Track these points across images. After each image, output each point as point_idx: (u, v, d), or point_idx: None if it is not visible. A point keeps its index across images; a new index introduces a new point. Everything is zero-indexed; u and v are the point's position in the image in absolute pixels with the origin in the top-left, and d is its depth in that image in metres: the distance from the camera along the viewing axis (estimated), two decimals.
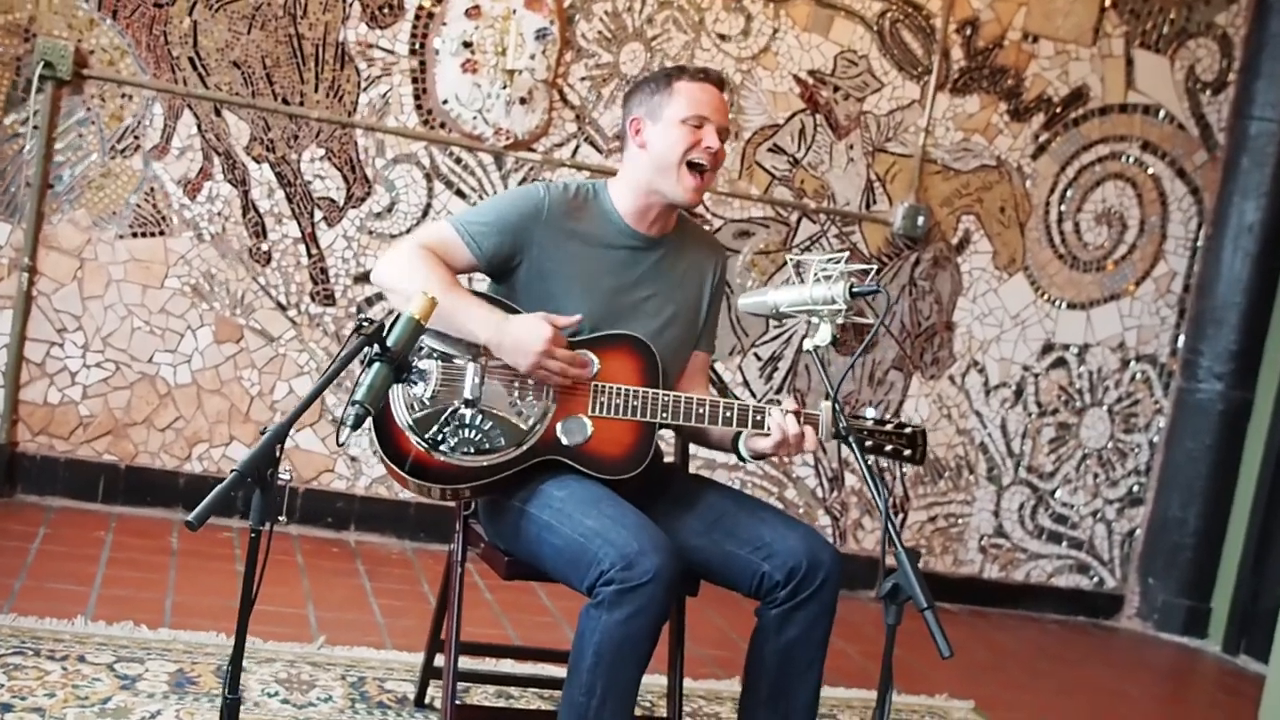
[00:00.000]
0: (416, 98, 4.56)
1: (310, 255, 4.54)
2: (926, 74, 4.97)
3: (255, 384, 4.54)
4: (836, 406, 2.60)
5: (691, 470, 3.17)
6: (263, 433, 2.14)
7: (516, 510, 2.71)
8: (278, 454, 2.13)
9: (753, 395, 4.93)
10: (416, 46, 4.54)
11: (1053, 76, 5.11)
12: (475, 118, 4.59)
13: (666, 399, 2.73)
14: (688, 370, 2.97)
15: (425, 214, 4.60)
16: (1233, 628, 5.29)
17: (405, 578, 4.32)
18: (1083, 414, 5.33)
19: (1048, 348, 5.26)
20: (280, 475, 2.15)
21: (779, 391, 4.97)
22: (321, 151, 4.51)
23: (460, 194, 4.62)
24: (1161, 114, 5.25)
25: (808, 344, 2.64)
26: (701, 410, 2.74)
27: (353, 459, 4.64)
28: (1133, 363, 5.36)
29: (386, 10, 4.50)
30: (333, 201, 4.54)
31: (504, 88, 4.58)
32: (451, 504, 2.87)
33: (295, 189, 4.51)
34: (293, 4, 4.42)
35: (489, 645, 3.48)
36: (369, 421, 2.67)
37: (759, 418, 2.73)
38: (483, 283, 2.94)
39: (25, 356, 4.34)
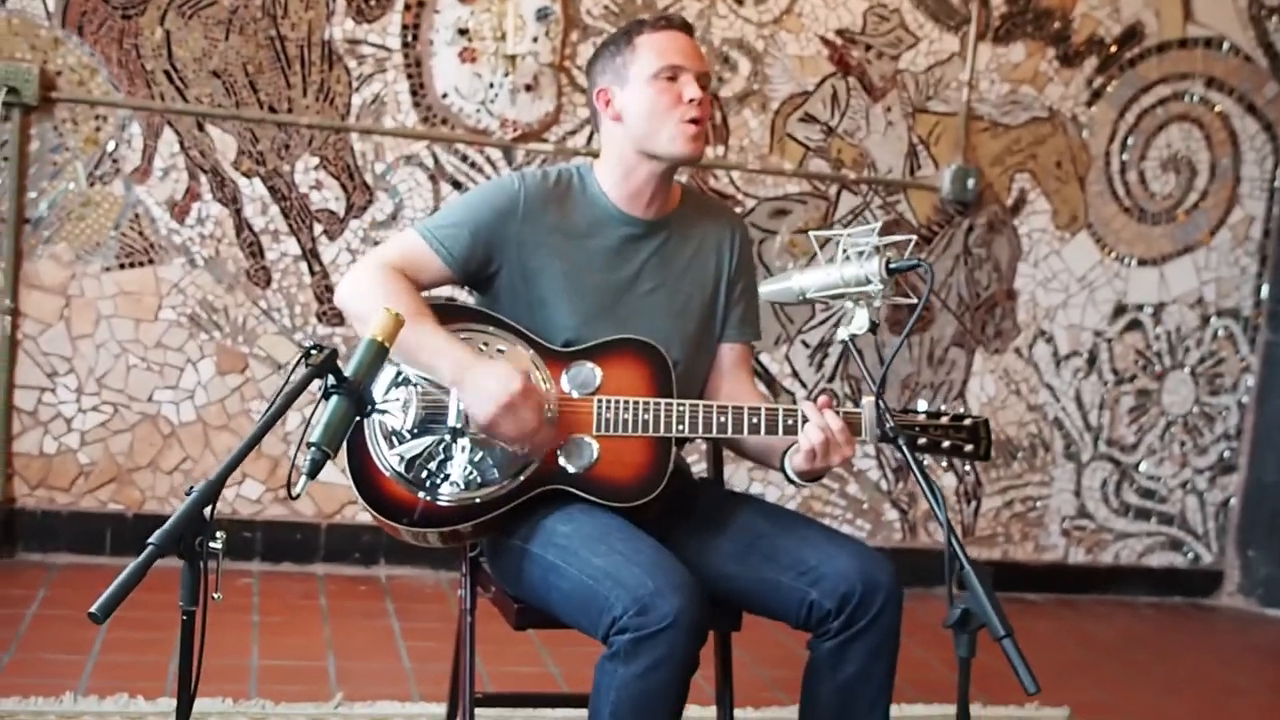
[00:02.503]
0: (413, 94, 4.21)
1: (313, 273, 4.21)
2: (965, 24, 4.56)
3: None
4: (881, 404, 2.22)
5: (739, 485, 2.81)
6: (188, 493, 1.79)
7: (519, 550, 2.36)
8: (208, 517, 1.78)
9: (803, 386, 4.55)
10: (409, 39, 4.19)
11: (1103, 15, 4.68)
12: (479, 110, 4.24)
13: (681, 409, 2.36)
14: (723, 367, 2.59)
15: None
16: None
17: (438, 614, 3.98)
18: (1163, 378, 4.90)
19: (1120, 310, 4.84)
20: (212, 544, 1.80)
21: (830, 381, 4.59)
22: (316, 160, 4.17)
23: None
24: (1225, 46, 4.80)
25: (842, 333, 2.26)
26: (724, 419, 2.36)
27: None
28: (1213, 318, 4.93)
29: (373, 2, 4.15)
30: (332, 213, 4.21)
31: (507, 75, 4.23)
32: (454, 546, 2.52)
33: (291, 203, 4.18)
34: (271, 4, 4.08)
35: (524, 695, 3.14)
36: (347, 466, 2.36)
37: (790, 421, 2.35)
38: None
39: (15, 405, 4.04)
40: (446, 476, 2.32)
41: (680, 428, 2.35)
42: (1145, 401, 4.90)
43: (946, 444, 2.40)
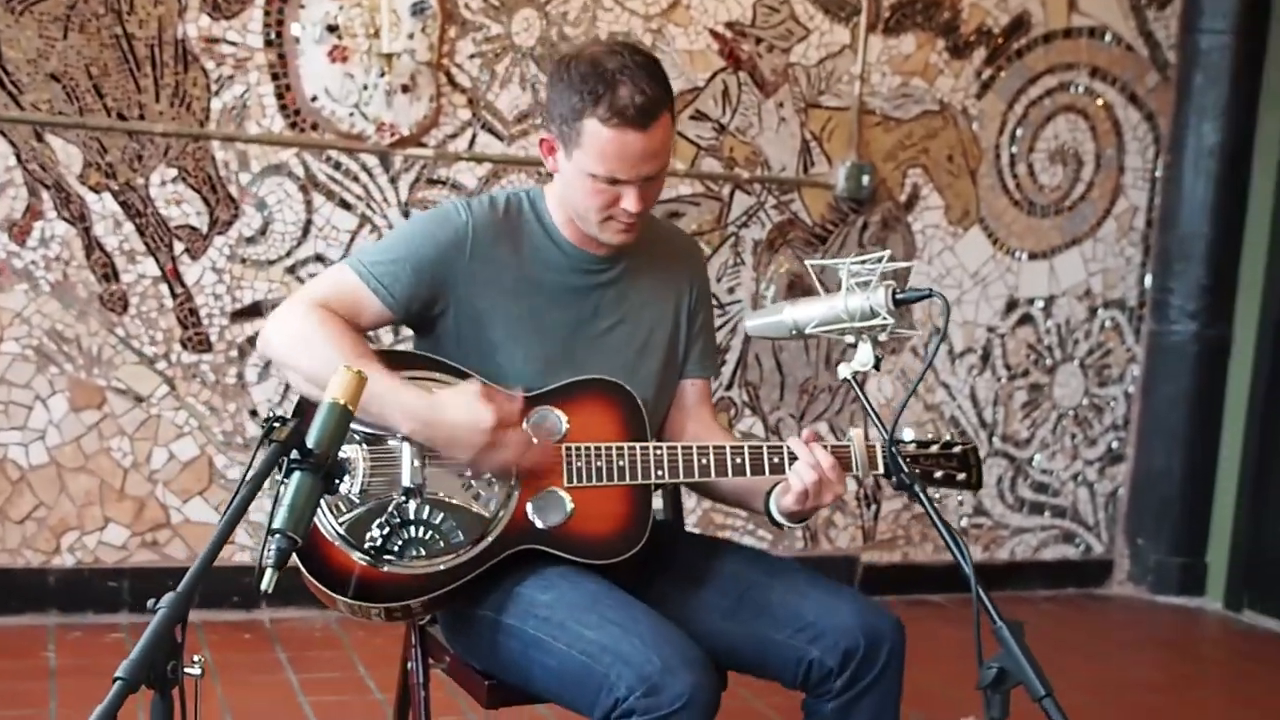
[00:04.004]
0: (279, 97, 3.86)
1: (175, 295, 3.84)
2: (855, 14, 4.40)
3: (127, 453, 3.83)
4: (894, 449, 2.03)
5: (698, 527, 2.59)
6: (153, 610, 1.51)
7: (489, 622, 2.12)
8: (179, 638, 1.50)
9: None
10: (272, 37, 3.84)
11: (991, 5, 4.57)
12: (352, 114, 3.92)
13: (659, 453, 2.15)
14: (685, 404, 2.39)
15: (305, 232, 3.92)
16: (1234, 582, 4.88)
17: (337, 662, 3.68)
18: (1054, 371, 4.86)
19: (1011, 304, 4.76)
20: (188, 669, 1.52)
21: (728, 389, 4.40)
22: (173, 172, 3.80)
23: (345, 204, 3.95)
24: (1108, 36, 4.75)
25: (844, 370, 2.06)
26: (706, 461, 2.16)
27: (254, 525, 3.96)
28: (1100, 310, 4.89)
29: None
30: (194, 229, 3.84)
31: (381, 75, 3.91)
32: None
33: (147, 219, 3.79)
34: None
35: None
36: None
37: (776, 460, 2.16)
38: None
39: None
40: (404, 543, 2.06)
41: (660, 473, 2.15)
42: (1037, 395, 4.84)
43: (939, 474, 2.27)
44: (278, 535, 1.63)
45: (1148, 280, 4.93)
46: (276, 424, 1.68)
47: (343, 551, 2.04)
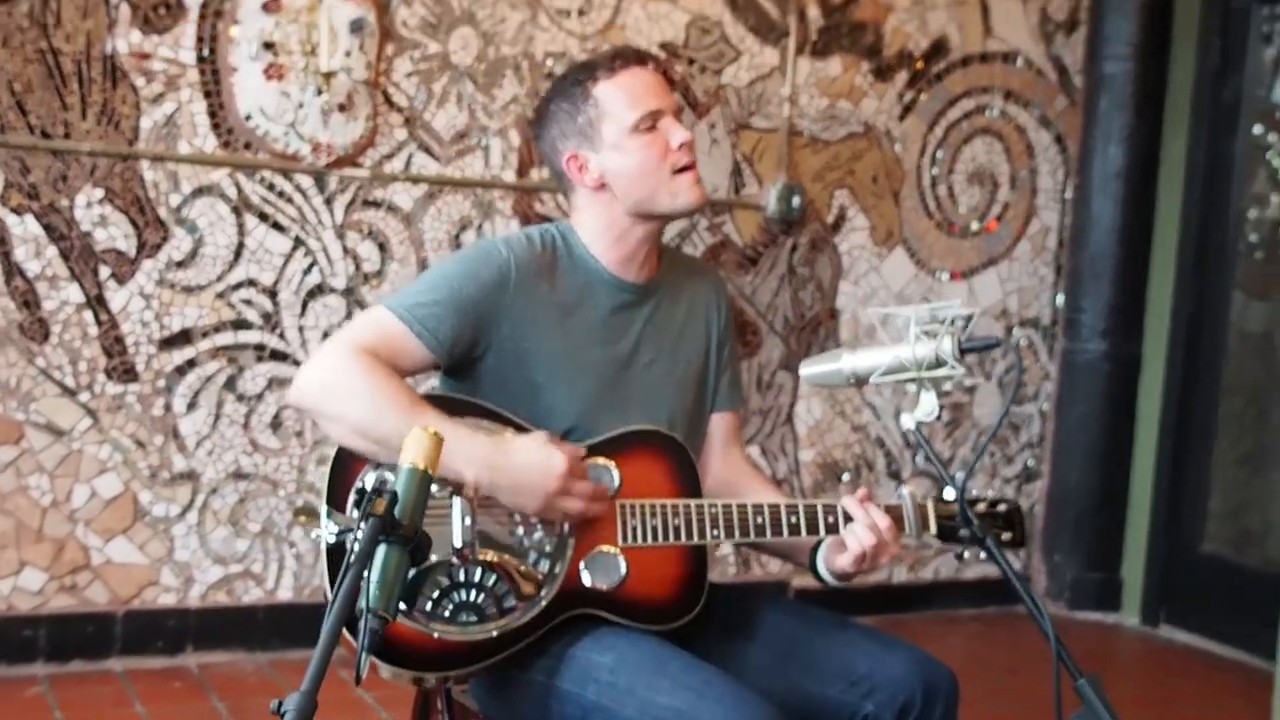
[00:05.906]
0: (212, 115, 3.70)
1: (100, 323, 3.64)
2: (784, 37, 4.41)
3: (47, 491, 3.61)
4: (963, 502, 2.02)
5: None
6: (279, 713, 1.39)
7: (540, 686, 2.01)
8: None
9: None
10: (206, 53, 3.68)
11: (912, 29, 4.64)
12: (287, 133, 3.77)
13: (714, 511, 2.08)
14: (715, 441, 2.35)
15: (238, 255, 3.76)
16: (1150, 597, 4.97)
17: None
18: (974, 391, 4.92)
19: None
20: None
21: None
22: (100, 193, 3.60)
23: (278, 227, 3.80)
24: (1019, 60, 4.85)
25: (907, 421, 2.03)
26: (761, 520, 2.10)
27: (180, 564, 3.77)
28: (1016, 329, 4.98)
29: (163, 10, 3.62)
30: (120, 254, 3.65)
31: (319, 94, 3.77)
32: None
33: (71, 243, 3.59)
34: (41, 12, 3.49)
35: None
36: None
37: (831, 519, 2.11)
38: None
39: None
40: (455, 607, 1.95)
41: (715, 533, 2.08)
42: (959, 415, 4.90)
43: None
44: (373, 615, 1.51)
45: (1059, 299, 5.03)
46: (373, 496, 1.56)
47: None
